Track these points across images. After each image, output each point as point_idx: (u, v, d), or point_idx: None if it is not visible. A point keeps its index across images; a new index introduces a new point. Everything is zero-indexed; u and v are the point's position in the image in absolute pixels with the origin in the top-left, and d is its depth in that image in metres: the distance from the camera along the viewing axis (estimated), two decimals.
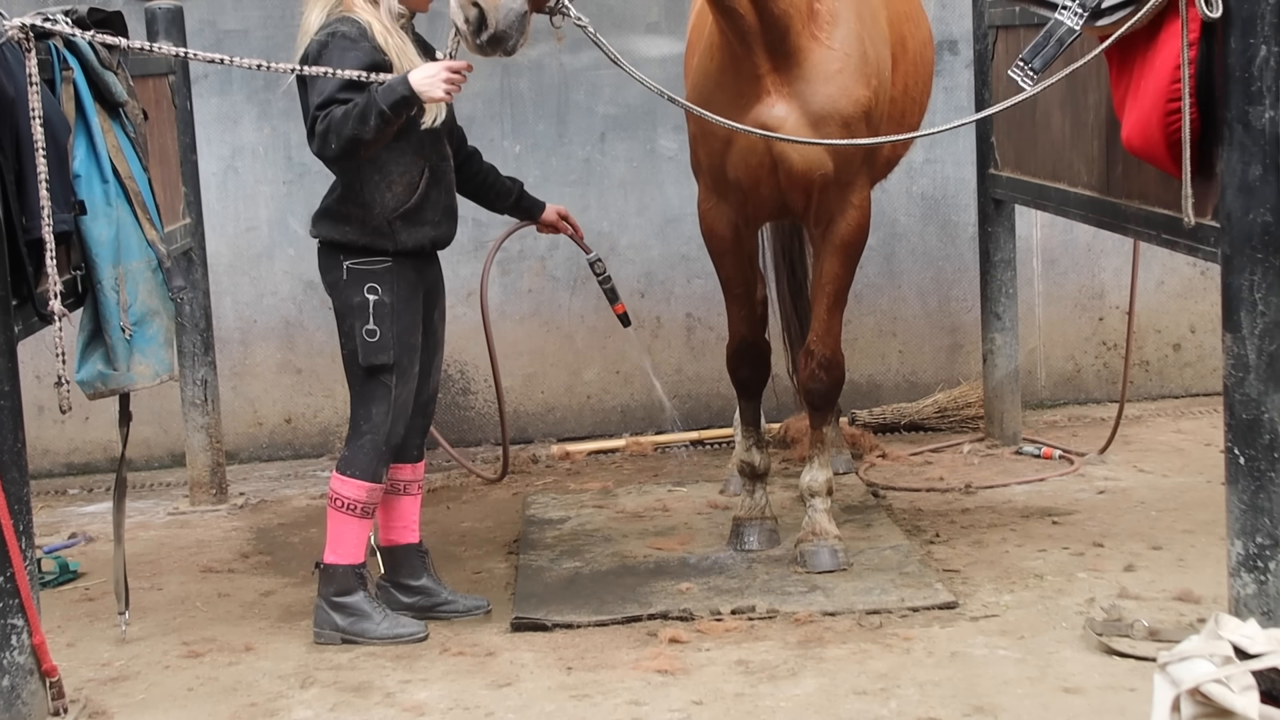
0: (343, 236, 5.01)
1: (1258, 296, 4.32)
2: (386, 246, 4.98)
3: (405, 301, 5.02)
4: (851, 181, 5.39)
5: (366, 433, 5.04)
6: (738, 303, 5.78)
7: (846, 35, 5.27)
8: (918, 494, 6.45)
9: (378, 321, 4.97)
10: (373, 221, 4.97)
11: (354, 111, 4.70)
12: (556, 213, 5.61)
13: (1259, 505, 4.34)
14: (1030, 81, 4.79)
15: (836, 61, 5.26)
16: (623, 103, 7.70)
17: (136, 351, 4.87)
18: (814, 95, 5.25)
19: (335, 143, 4.75)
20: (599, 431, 7.80)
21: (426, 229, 5.04)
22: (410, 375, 5.07)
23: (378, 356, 4.98)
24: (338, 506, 5.06)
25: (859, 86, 5.28)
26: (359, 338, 4.98)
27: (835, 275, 5.53)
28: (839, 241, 5.47)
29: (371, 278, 4.97)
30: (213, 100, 7.52)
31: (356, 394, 5.09)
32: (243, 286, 7.67)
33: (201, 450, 6.92)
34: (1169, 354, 8.01)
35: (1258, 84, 4.23)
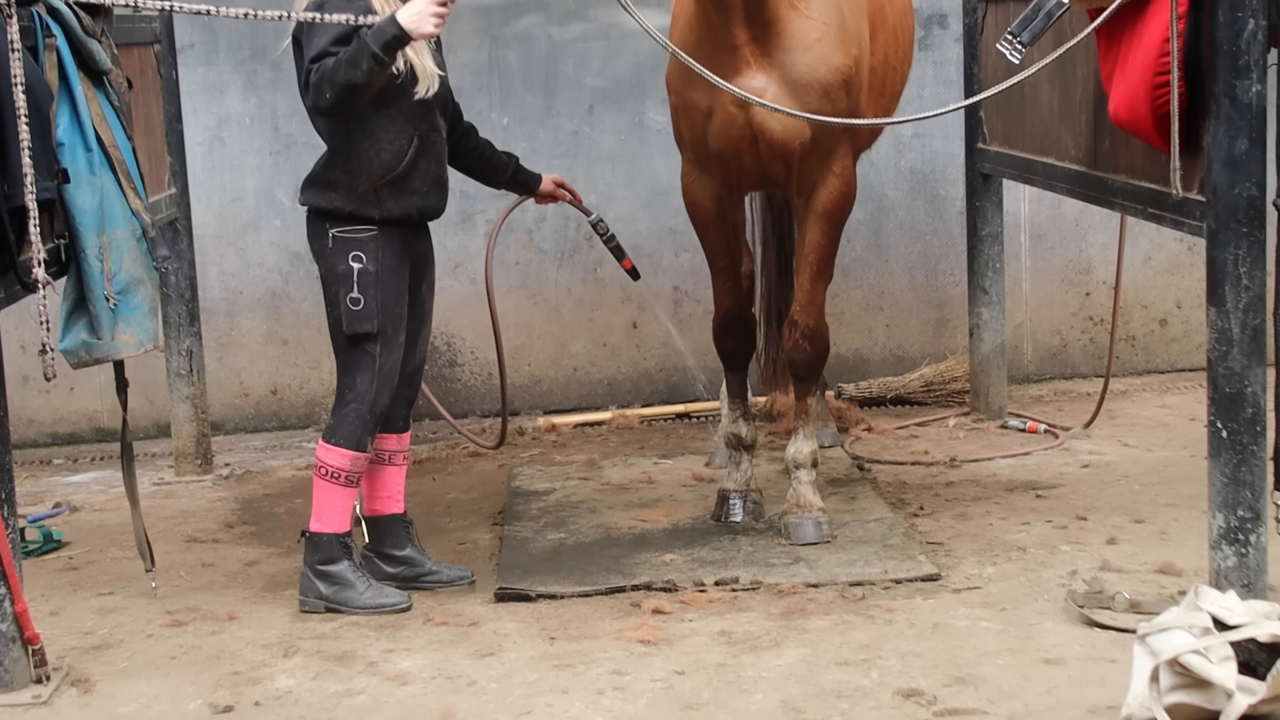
0: (329, 203, 5.00)
1: (1242, 270, 4.33)
2: (372, 214, 4.98)
3: (391, 270, 5.01)
4: (833, 150, 5.39)
5: (351, 401, 5.04)
6: (723, 275, 5.79)
7: (824, 4, 5.28)
8: (903, 467, 6.46)
9: (362, 290, 4.96)
10: (359, 188, 4.96)
11: (344, 59, 4.69)
12: (553, 181, 5.63)
13: (1241, 479, 4.36)
14: (1018, 55, 4.79)
15: (815, 30, 5.26)
16: (611, 75, 7.69)
17: (121, 321, 4.85)
18: (793, 64, 5.25)
19: (329, 91, 4.73)
20: (585, 404, 7.80)
21: (414, 198, 5.04)
22: (395, 344, 5.06)
23: (362, 325, 4.98)
24: (323, 475, 5.06)
25: (838, 55, 5.28)
26: (343, 306, 4.98)
27: (818, 244, 5.54)
28: (821, 210, 5.48)
29: (357, 246, 4.97)
30: (199, 70, 7.49)
31: (341, 362, 5.10)
32: (229, 257, 7.66)
33: (187, 421, 6.92)
34: (1155, 329, 8.03)
35: (1245, 58, 4.24)
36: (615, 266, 7.60)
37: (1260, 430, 4.37)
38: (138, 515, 5.23)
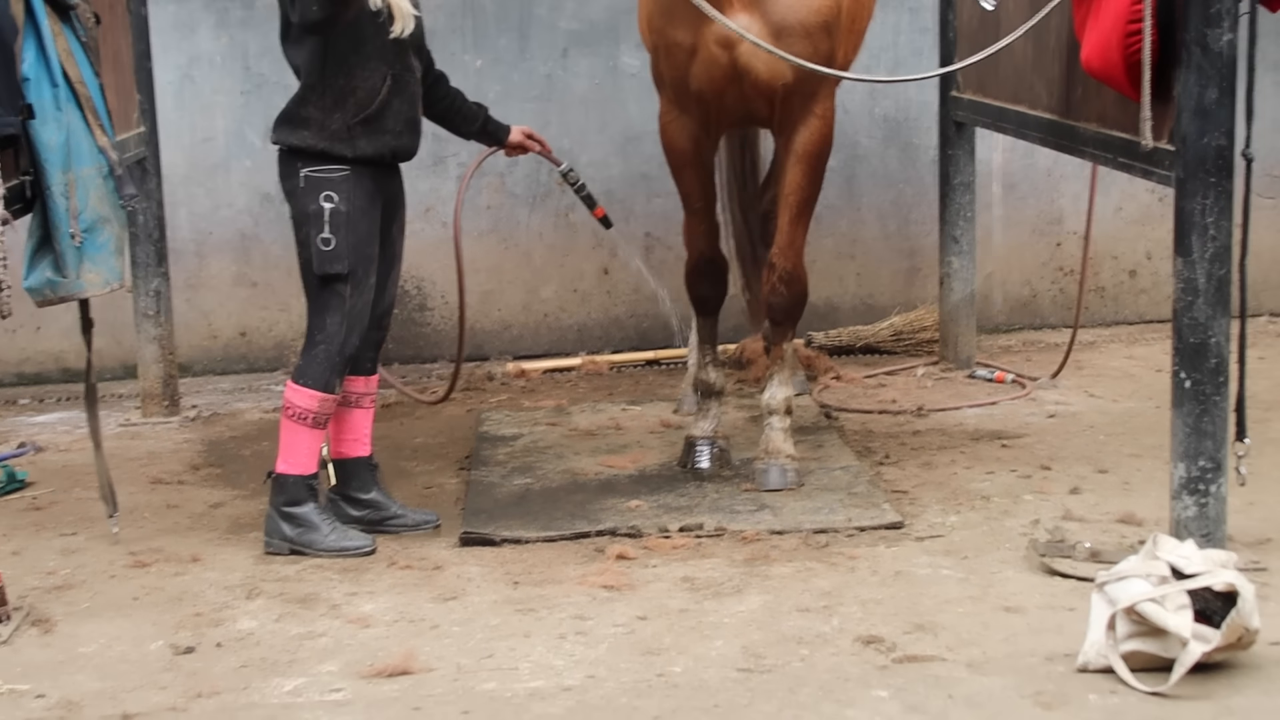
0: (301, 141, 4.98)
1: (1209, 221, 4.33)
2: (345, 153, 4.95)
3: (362, 211, 4.99)
4: (815, 92, 5.37)
5: (320, 342, 5.02)
6: (698, 217, 5.76)
7: None
8: (870, 416, 6.47)
9: (333, 230, 4.94)
10: (332, 126, 4.94)
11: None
12: (521, 133, 5.59)
13: (1202, 429, 4.38)
14: (993, 4, 4.77)
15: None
16: (585, 18, 7.63)
17: (86, 259, 4.83)
18: (775, 5, 5.23)
19: (317, 3, 4.68)
20: (555, 350, 7.78)
21: (387, 138, 5.01)
22: (366, 286, 5.04)
23: (332, 265, 4.96)
24: (290, 416, 5.06)
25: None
26: (314, 246, 4.97)
27: (799, 185, 5.51)
28: (802, 151, 5.45)
29: (328, 185, 4.95)
30: (169, 7, 7.41)
31: (312, 303, 5.08)
32: (198, 198, 7.60)
33: (154, 362, 6.89)
34: (1125, 280, 8.03)
35: (1217, 5, 4.23)
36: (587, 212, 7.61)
37: (1223, 381, 4.39)
38: (101, 458, 5.21)
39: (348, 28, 4.84)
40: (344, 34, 4.86)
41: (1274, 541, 4.77)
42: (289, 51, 5.03)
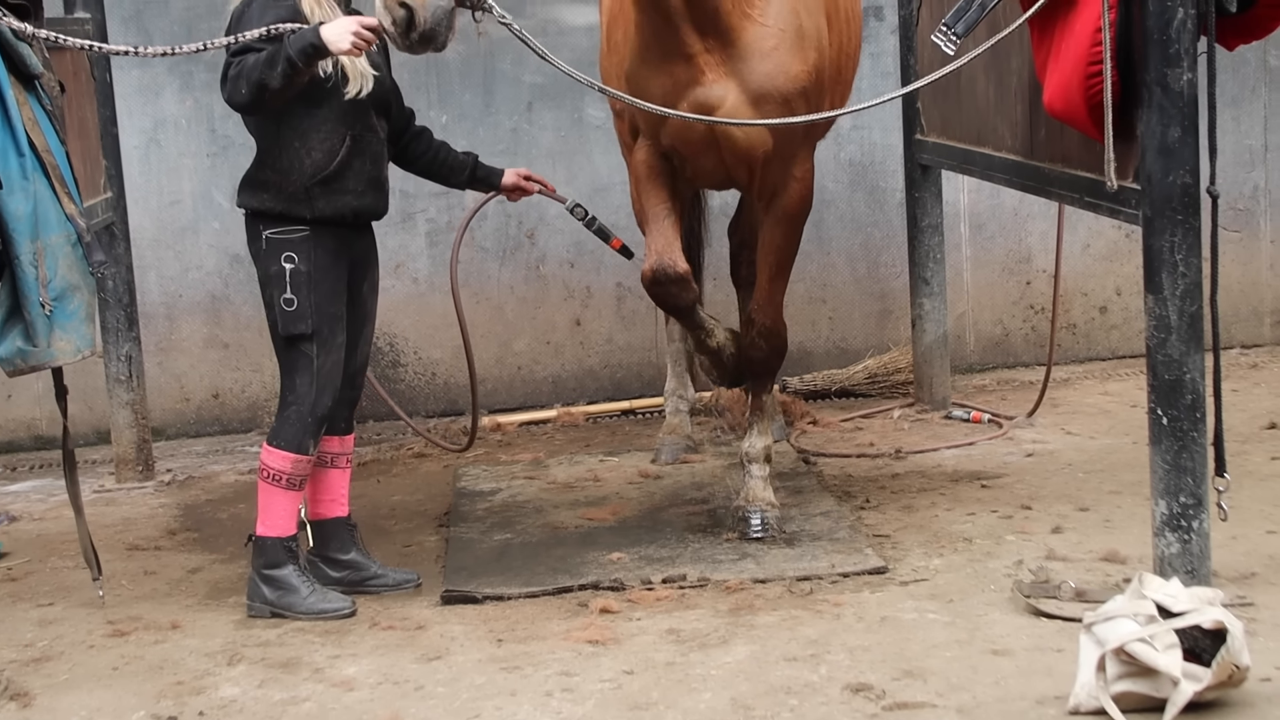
0: (261, 204, 4.98)
1: (1178, 258, 4.35)
2: (304, 214, 4.95)
3: (325, 270, 4.98)
4: (795, 154, 5.36)
5: (291, 404, 5.01)
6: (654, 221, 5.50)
7: (780, 10, 5.18)
8: (848, 460, 6.47)
9: (295, 290, 4.94)
10: (289, 188, 4.94)
11: (263, 58, 4.68)
12: (517, 174, 5.53)
13: (1182, 465, 4.39)
14: (953, 47, 4.80)
15: (772, 38, 5.16)
16: (550, 72, 7.52)
17: (57, 327, 4.79)
18: (751, 74, 5.16)
19: (244, 88, 4.72)
20: (530, 402, 7.77)
21: (348, 198, 5.00)
22: (334, 345, 5.02)
23: (296, 325, 4.95)
24: (266, 478, 5.03)
25: (796, 63, 5.20)
26: (278, 307, 4.97)
27: (778, 246, 5.51)
28: (782, 213, 5.45)
29: (288, 247, 4.95)
30: (133, 72, 7.41)
31: (282, 364, 5.07)
32: (167, 261, 7.58)
33: (127, 427, 6.85)
34: (1095, 317, 8.07)
35: (1175, 46, 4.26)
36: (558, 264, 7.64)
37: (1200, 416, 4.40)
38: (82, 523, 5.16)
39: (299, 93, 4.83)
40: (298, 97, 4.84)
41: (1259, 576, 4.78)
42: (246, 117, 5.05)
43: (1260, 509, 5.42)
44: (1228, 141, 7.78)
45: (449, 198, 7.47)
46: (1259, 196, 8.06)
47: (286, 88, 4.71)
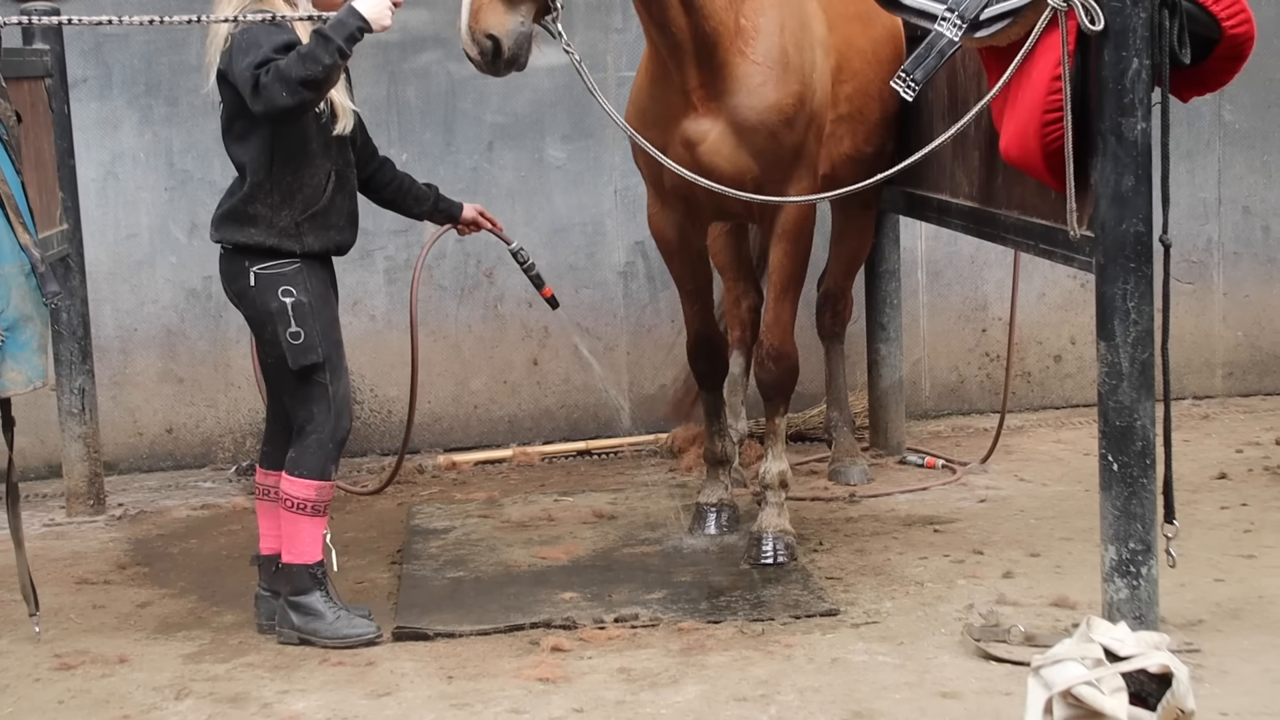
0: (248, 239, 4.97)
1: (1130, 305, 4.39)
2: (294, 248, 4.97)
3: (322, 299, 5.02)
4: (786, 178, 5.53)
5: (311, 432, 5.01)
6: (690, 299, 5.99)
7: (769, 47, 5.42)
8: (803, 503, 6.47)
9: (300, 322, 4.94)
10: (280, 222, 4.96)
11: (304, 53, 4.66)
12: (475, 210, 5.64)
13: (1131, 511, 4.42)
14: (911, 93, 4.85)
15: (759, 75, 5.40)
16: (510, 112, 7.68)
17: (9, 358, 4.77)
18: (738, 107, 5.40)
19: (285, 90, 4.66)
20: (486, 442, 7.75)
21: (332, 233, 5.05)
22: (342, 369, 5.06)
23: (307, 356, 4.96)
24: (289, 507, 5.03)
25: (778, 94, 5.41)
26: (284, 342, 4.95)
27: (780, 264, 5.67)
28: (781, 233, 5.62)
29: (283, 280, 4.96)
30: (92, 105, 7.40)
31: (293, 398, 5.05)
32: (123, 294, 7.55)
33: (79, 460, 6.80)
34: (1050, 365, 8.13)
35: (1130, 96, 4.31)
36: (516, 304, 7.64)
37: (1150, 463, 4.43)
38: (22, 557, 5.12)
39: (294, 125, 4.87)
40: (291, 131, 4.89)
41: (1206, 623, 4.81)
42: (234, 149, 5.03)
43: (1208, 557, 5.46)
44: (1182, 194, 7.87)
45: (408, 235, 7.48)
46: (1212, 249, 8.15)
47: (330, 80, 4.72)
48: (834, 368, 7.02)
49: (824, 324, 7.01)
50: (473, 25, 4.75)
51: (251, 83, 4.72)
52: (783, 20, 5.49)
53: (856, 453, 6.86)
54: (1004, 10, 4.61)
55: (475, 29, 4.75)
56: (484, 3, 4.74)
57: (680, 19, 5.28)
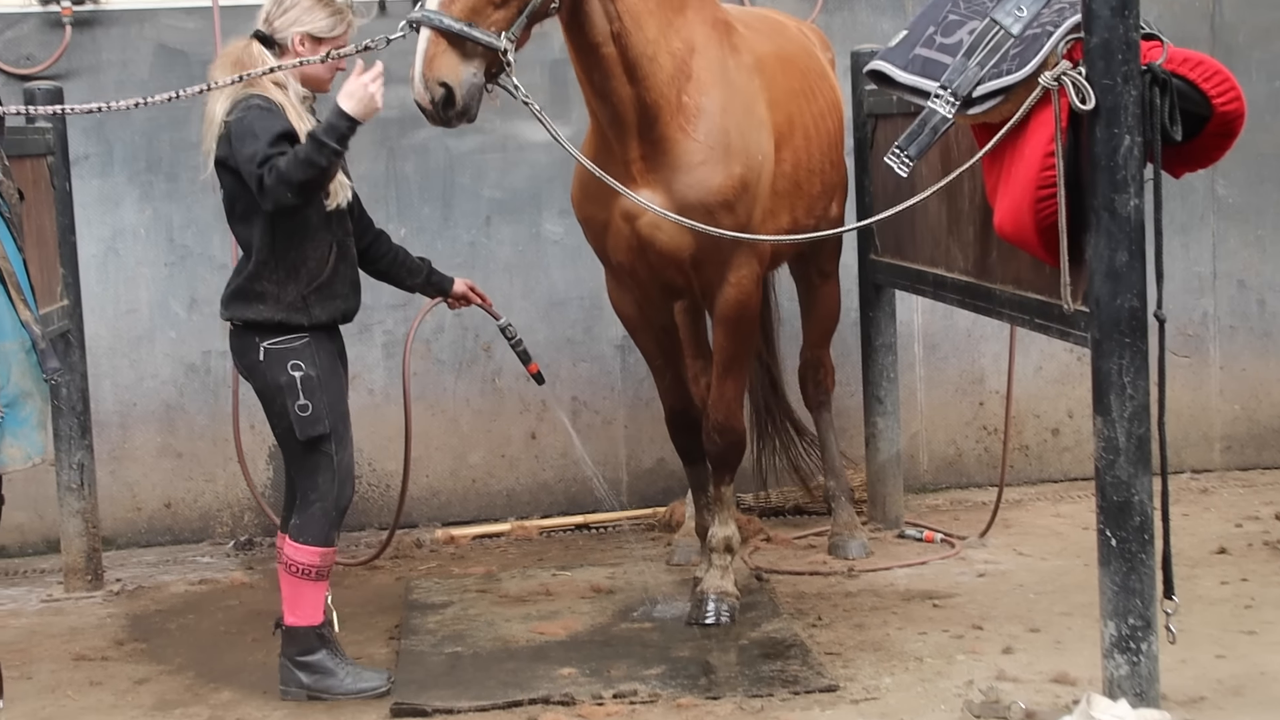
0: (257, 315, 5.09)
1: (1126, 380, 4.41)
2: (302, 321, 5.09)
3: (329, 371, 5.14)
4: (726, 261, 5.54)
5: (315, 501, 5.14)
6: (660, 374, 6.06)
7: (711, 128, 5.47)
8: (801, 577, 6.47)
9: (308, 395, 5.06)
10: (287, 298, 5.08)
11: (301, 159, 4.82)
12: (465, 284, 5.74)
13: (1130, 587, 4.41)
14: (906, 169, 4.89)
15: (700, 153, 5.45)
16: (508, 187, 7.73)
17: (8, 434, 4.75)
18: (677, 184, 5.45)
19: (290, 192, 4.85)
20: (484, 515, 7.75)
21: (337, 302, 5.18)
22: (347, 440, 5.19)
23: (314, 428, 5.08)
24: (294, 572, 5.16)
25: (719, 176, 5.46)
26: (292, 414, 5.07)
27: (721, 346, 5.76)
28: (720, 316, 5.68)
29: (292, 355, 5.08)
30: (93, 182, 7.45)
31: (299, 467, 5.18)
32: (122, 369, 7.57)
33: (77, 535, 6.80)
34: (1048, 438, 8.13)
35: (1122, 172, 4.35)
36: (514, 377, 7.65)
37: (1148, 538, 4.43)
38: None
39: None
40: (290, 211, 5.00)
41: (1208, 700, 4.79)
42: (237, 229, 5.18)
43: (1209, 633, 5.44)
44: (1177, 268, 7.90)
45: (406, 310, 7.50)
46: (1208, 323, 8.17)
47: (330, 174, 4.90)
48: (825, 437, 7.04)
49: (807, 394, 7.05)
50: (426, 73, 4.80)
51: (256, 182, 4.90)
52: (726, 101, 5.54)
53: (855, 526, 6.86)
54: (997, 88, 4.67)
55: (429, 77, 4.80)
56: (438, 52, 4.80)
57: (623, 89, 5.35)
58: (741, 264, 5.59)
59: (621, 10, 5.28)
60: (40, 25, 7.42)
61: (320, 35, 5.12)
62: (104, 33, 7.48)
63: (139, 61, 7.50)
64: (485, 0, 4.85)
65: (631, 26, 5.30)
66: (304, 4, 5.12)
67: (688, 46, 5.47)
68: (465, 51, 4.82)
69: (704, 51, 5.52)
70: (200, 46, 7.43)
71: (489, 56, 4.87)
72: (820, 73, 6.45)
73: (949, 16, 4.87)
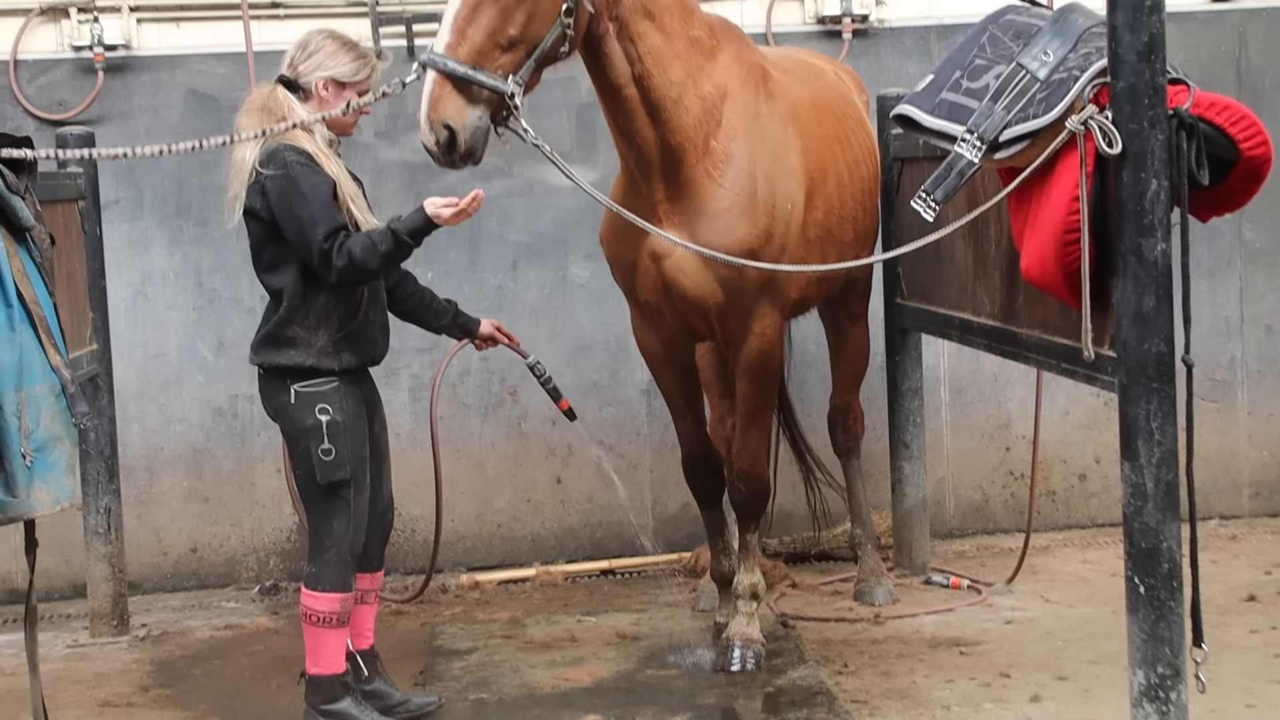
0: (288, 360, 5.11)
1: (1154, 426, 4.38)
2: (332, 366, 5.11)
3: (355, 417, 5.15)
4: (750, 310, 5.52)
5: (330, 546, 5.13)
6: (680, 415, 6.02)
7: (738, 175, 5.45)
8: (827, 624, 6.44)
9: (332, 440, 5.07)
10: (318, 343, 5.11)
11: (381, 250, 4.96)
12: (492, 325, 5.76)
13: (1159, 635, 4.37)
14: (932, 213, 4.89)
15: (726, 199, 5.43)
16: (535, 230, 7.75)
17: (37, 478, 4.77)
18: (702, 230, 5.42)
19: (363, 277, 5.03)
20: (509, 560, 7.74)
21: (367, 346, 5.21)
22: (364, 486, 5.18)
23: (335, 473, 5.08)
24: (313, 621, 5.13)
25: (744, 226, 5.43)
26: (315, 458, 5.07)
27: (744, 396, 5.74)
28: (743, 366, 5.64)
29: (321, 399, 5.09)
30: (123, 226, 7.50)
31: (316, 511, 5.18)
32: (150, 413, 7.59)
33: (103, 580, 6.81)
34: (1075, 484, 8.09)
35: (1149, 217, 4.33)
36: (540, 421, 7.66)
37: (1177, 586, 4.39)
38: (36, 682, 5.05)
39: None
40: None
41: None
42: (266, 277, 5.19)
43: (1240, 682, 5.39)
44: (1204, 312, 7.88)
45: (433, 354, 7.52)
46: (1236, 367, 8.14)
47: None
48: (853, 484, 7.02)
49: (837, 440, 7.03)
50: (431, 115, 4.79)
51: (320, 256, 4.96)
52: (754, 149, 5.51)
53: (881, 572, 6.83)
54: (1023, 132, 4.67)
55: (433, 118, 4.79)
56: (442, 94, 4.78)
57: (646, 130, 5.35)
58: (765, 314, 5.58)
59: (643, 52, 5.27)
60: (73, 71, 7.49)
61: (344, 80, 5.15)
62: (135, 78, 7.54)
63: (170, 107, 7.56)
64: (491, 43, 4.82)
65: (654, 69, 5.29)
66: (328, 49, 5.16)
67: (719, 91, 5.46)
68: (471, 95, 4.80)
69: (736, 97, 5.51)
70: (231, 92, 7.49)
71: (495, 100, 4.84)
72: (857, 119, 6.44)
73: (975, 61, 4.88)
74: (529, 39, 4.87)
